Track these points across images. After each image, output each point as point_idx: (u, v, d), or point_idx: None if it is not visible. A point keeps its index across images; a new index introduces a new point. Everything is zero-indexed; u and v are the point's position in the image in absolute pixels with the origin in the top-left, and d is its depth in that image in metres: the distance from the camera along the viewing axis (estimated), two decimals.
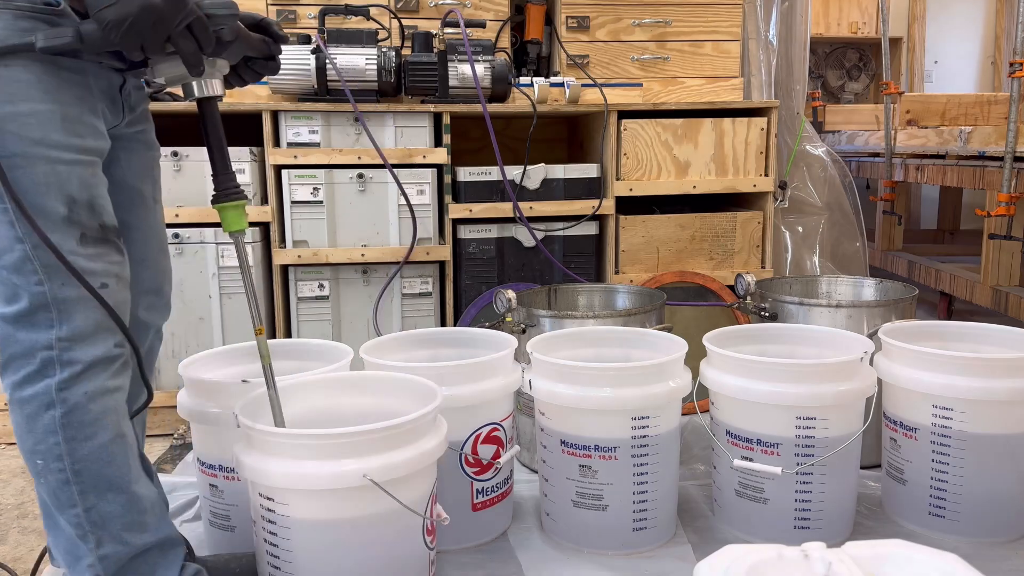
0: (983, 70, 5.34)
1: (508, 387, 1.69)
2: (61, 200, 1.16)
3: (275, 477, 1.27)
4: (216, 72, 1.27)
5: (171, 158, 2.41)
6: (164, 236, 1.48)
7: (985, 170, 2.99)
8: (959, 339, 1.87)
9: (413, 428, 1.32)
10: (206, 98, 1.28)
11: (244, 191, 1.32)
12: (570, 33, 2.73)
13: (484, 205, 2.50)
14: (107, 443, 1.20)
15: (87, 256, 1.18)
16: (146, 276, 1.41)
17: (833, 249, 3.11)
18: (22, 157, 1.14)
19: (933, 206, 5.01)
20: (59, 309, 1.16)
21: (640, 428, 1.60)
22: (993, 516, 1.67)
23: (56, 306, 1.16)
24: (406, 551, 1.36)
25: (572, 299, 2.33)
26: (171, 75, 1.24)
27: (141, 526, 1.25)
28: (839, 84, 5.42)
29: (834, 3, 5.09)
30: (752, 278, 2.11)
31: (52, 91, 1.16)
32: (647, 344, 1.84)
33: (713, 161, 2.59)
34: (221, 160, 1.30)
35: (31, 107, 1.14)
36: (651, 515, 1.65)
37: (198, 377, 1.57)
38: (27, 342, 1.16)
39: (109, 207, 1.25)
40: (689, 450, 2.15)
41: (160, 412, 2.50)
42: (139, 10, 1.07)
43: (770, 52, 2.93)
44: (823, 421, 1.61)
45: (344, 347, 1.76)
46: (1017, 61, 2.74)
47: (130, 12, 1.07)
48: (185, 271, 2.43)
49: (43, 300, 1.16)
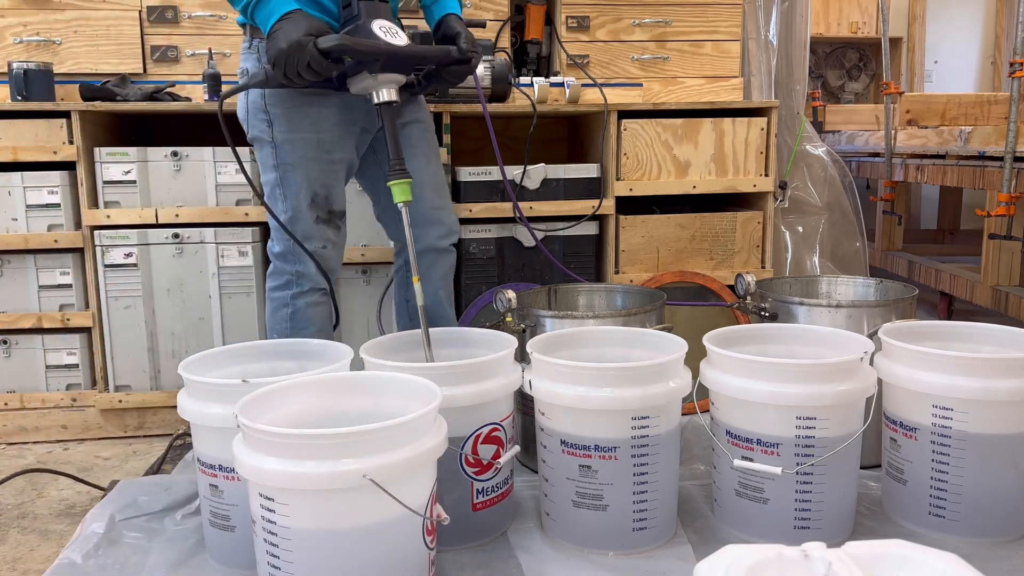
0: (983, 70, 5.34)
1: (508, 387, 1.69)
2: (308, 195, 1.86)
3: (275, 477, 1.26)
4: (384, 84, 1.70)
5: (171, 158, 2.41)
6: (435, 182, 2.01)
7: (985, 170, 2.99)
8: (959, 339, 1.86)
9: (413, 428, 1.32)
10: (383, 103, 1.72)
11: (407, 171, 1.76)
12: (570, 33, 2.73)
13: (484, 205, 2.50)
14: (312, 334, 1.91)
15: (317, 229, 1.88)
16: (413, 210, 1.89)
17: (833, 249, 3.11)
18: (290, 166, 1.85)
19: (933, 206, 5.01)
20: (296, 256, 1.89)
21: (640, 428, 1.60)
22: (993, 516, 1.67)
23: (295, 254, 1.89)
24: (406, 551, 1.36)
25: (572, 299, 2.33)
26: (356, 89, 1.74)
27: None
28: (839, 84, 5.42)
29: (834, 3, 5.09)
30: (752, 278, 2.11)
31: (315, 122, 1.83)
32: (647, 344, 1.83)
33: (713, 161, 2.59)
34: (394, 148, 1.75)
35: (300, 135, 1.83)
36: (651, 515, 1.65)
37: (198, 377, 1.57)
38: (281, 269, 1.92)
39: (339, 199, 1.91)
40: (689, 450, 2.15)
41: (160, 412, 2.50)
42: (278, 53, 1.63)
43: (770, 52, 2.93)
44: (823, 421, 1.61)
45: (344, 347, 1.76)
46: (1017, 61, 2.74)
47: (274, 56, 1.64)
48: (185, 271, 2.43)
49: (290, 249, 1.89)
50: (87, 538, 1.72)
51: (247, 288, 2.46)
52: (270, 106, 1.84)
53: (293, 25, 1.64)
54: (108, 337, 2.44)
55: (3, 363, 2.46)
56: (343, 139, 1.88)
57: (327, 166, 1.86)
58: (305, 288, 1.90)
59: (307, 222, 1.87)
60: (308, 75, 1.64)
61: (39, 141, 2.37)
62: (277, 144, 1.85)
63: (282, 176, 1.86)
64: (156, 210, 2.41)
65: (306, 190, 1.85)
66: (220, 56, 2.65)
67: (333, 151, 1.87)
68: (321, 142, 1.85)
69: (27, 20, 2.60)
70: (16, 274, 2.43)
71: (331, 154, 1.86)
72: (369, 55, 1.66)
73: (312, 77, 1.65)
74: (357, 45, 1.63)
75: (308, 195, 1.85)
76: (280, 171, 1.86)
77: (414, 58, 1.74)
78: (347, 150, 1.90)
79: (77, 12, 2.61)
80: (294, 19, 1.66)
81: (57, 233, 2.40)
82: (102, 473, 2.22)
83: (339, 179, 1.90)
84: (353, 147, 1.92)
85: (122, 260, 2.41)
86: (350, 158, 1.92)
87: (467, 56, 1.82)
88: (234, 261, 2.45)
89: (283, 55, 1.62)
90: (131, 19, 2.63)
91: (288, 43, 1.62)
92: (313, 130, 1.84)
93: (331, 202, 1.89)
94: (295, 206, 1.86)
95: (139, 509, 1.84)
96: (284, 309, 1.91)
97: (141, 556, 1.67)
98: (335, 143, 1.87)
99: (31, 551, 1.80)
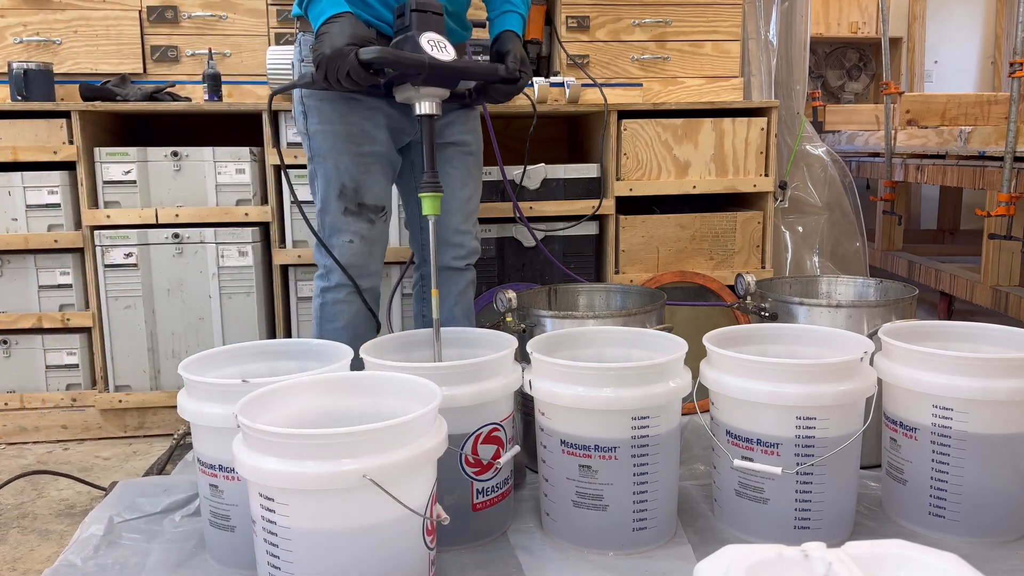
0: (983, 70, 5.34)
1: (508, 387, 1.69)
2: (336, 186, 1.87)
3: (274, 477, 1.27)
4: (426, 97, 1.70)
5: (171, 158, 2.41)
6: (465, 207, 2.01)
7: (985, 170, 2.99)
8: (959, 339, 1.87)
9: (413, 428, 1.32)
10: (423, 115, 1.72)
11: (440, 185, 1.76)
12: (570, 33, 2.72)
13: (484, 205, 2.49)
14: (336, 328, 1.93)
15: (344, 221, 1.88)
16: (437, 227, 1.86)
17: (833, 249, 3.11)
18: (321, 157, 1.87)
19: (933, 206, 5.01)
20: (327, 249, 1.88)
21: (640, 428, 1.60)
22: (993, 516, 1.67)
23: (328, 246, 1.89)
24: (406, 551, 1.36)
25: (572, 299, 2.33)
26: (400, 98, 1.75)
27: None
28: (839, 84, 5.42)
29: (834, 3, 5.09)
30: (752, 278, 2.11)
31: (344, 114, 1.84)
32: (647, 344, 1.84)
33: (713, 161, 2.59)
34: (430, 160, 1.74)
35: (330, 127, 1.85)
36: (651, 515, 1.65)
37: (198, 377, 1.58)
38: (319, 259, 1.94)
39: (372, 192, 1.89)
40: (689, 450, 2.15)
41: (160, 412, 2.50)
42: (321, 58, 1.65)
43: (770, 52, 2.93)
44: (823, 421, 1.61)
45: (344, 347, 1.76)
46: (1017, 61, 2.74)
47: (317, 60, 1.65)
48: (185, 271, 2.43)
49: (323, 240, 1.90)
50: (86, 540, 1.72)
51: (247, 288, 2.46)
52: (306, 98, 1.87)
53: (340, 30, 1.65)
54: (108, 337, 2.44)
55: (3, 363, 2.46)
56: (374, 132, 1.87)
57: (356, 158, 1.86)
58: (333, 283, 1.91)
59: (335, 214, 1.88)
60: (347, 83, 1.65)
61: (39, 141, 2.37)
62: (310, 135, 1.88)
63: (315, 167, 1.89)
64: (156, 210, 2.41)
65: (335, 181, 1.87)
66: (220, 56, 2.65)
67: (363, 144, 1.86)
68: (350, 134, 1.85)
69: (27, 20, 2.60)
70: (16, 274, 2.43)
71: (360, 146, 1.86)
72: (411, 68, 1.65)
73: (351, 86, 1.66)
74: (398, 57, 1.63)
75: (336, 186, 1.87)
76: (313, 162, 1.90)
77: (459, 73, 1.73)
78: (380, 143, 1.88)
79: (77, 12, 2.61)
80: (342, 23, 1.67)
81: (57, 233, 2.40)
82: (102, 473, 2.22)
83: (371, 172, 1.89)
84: (389, 143, 1.91)
85: (122, 260, 2.41)
86: (385, 152, 1.90)
87: (513, 76, 1.80)
88: (234, 261, 2.45)
89: (325, 60, 1.64)
90: (131, 19, 2.63)
91: (332, 49, 1.63)
92: (342, 122, 1.85)
93: (361, 194, 1.88)
94: (324, 196, 1.89)
95: (138, 511, 1.85)
96: (316, 299, 1.96)
97: (141, 557, 1.67)
98: (364, 136, 1.86)
99: (31, 551, 1.80)
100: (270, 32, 2.68)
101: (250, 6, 2.67)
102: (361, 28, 1.69)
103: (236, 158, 2.43)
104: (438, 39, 1.69)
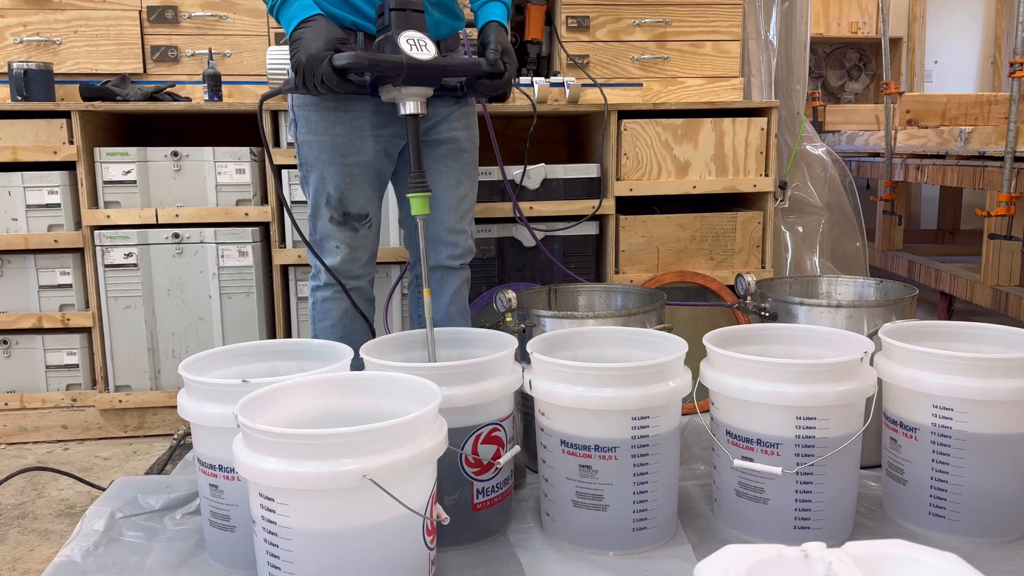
0: (983, 70, 5.34)
1: (508, 387, 1.69)
2: (323, 196, 1.90)
3: (275, 477, 1.27)
4: (409, 97, 1.69)
5: (171, 158, 2.41)
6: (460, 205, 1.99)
7: (985, 170, 2.99)
8: (959, 339, 1.87)
9: (413, 428, 1.32)
10: (408, 115, 1.72)
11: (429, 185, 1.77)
12: (570, 33, 2.72)
13: (484, 205, 2.50)
14: (327, 326, 1.98)
15: (330, 228, 1.92)
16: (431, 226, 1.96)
17: (833, 249, 3.11)
18: (308, 167, 1.90)
19: (933, 206, 5.01)
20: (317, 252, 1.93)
21: (640, 428, 1.60)
22: (993, 516, 1.67)
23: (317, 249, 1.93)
24: (406, 551, 1.36)
25: (572, 299, 2.33)
26: (386, 98, 1.73)
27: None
28: (839, 84, 5.42)
29: (834, 3, 5.10)
30: (752, 278, 2.11)
31: (330, 125, 1.85)
32: (647, 344, 1.84)
33: (713, 161, 2.59)
34: (416, 160, 1.74)
35: (315, 138, 1.86)
36: (651, 515, 1.65)
37: (198, 377, 1.57)
38: (312, 261, 1.97)
39: (356, 203, 1.91)
40: (689, 450, 2.15)
41: (160, 412, 2.50)
42: (298, 65, 1.65)
43: (770, 52, 2.93)
44: (823, 421, 1.61)
45: (344, 347, 1.76)
46: (1017, 61, 2.74)
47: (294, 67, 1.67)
48: (185, 271, 2.43)
49: (313, 242, 1.93)
50: (87, 536, 1.72)
51: (247, 288, 2.46)
52: (297, 107, 1.88)
53: (314, 35, 1.65)
54: (108, 337, 2.44)
55: (3, 363, 2.46)
56: (360, 142, 1.87)
57: (342, 169, 1.87)
58: (322, 282, 1.96)
59: (324, 220, 1.91)
60: (323, 89, 1.65)
61: (39, 141, 2.37)
62: (299, 144, 1.90)
63: (304, 175, 1.92)
64: (156, 210, 2.41)
65: (321, 191, 1.89)
66: (220, 56, 2.65)
67: (348, 154, 1.86)
68: (335, 145, 1.85)
69: (27, 20, 2.60)
70: (16, 274, 2.43)
71: (345, 157, 1.86)
72: (389, 70, 1.64)
73: (327, 92, 1.66)
74: (373, 60, 1.61)
75: (323, 195, 1.89)
76: (303, 170, 1.92)
77: (440, 71, 1.69)
78: (366, 154, 1.88)
79: (77, 12, 2.61)
80: (315, 27, 1.66)
81: (57, 233, 2.40)
82: (102, 473, 2.22)
83: (356, 183, 1.89)
84: (377, 151, 1.89)
85: (122, 260, 2.41)
86: (371, 162, 1.89)
87: (497, 69, 1.75)
88: (234, 261, 2.45)
89: (303, 68, 1.64)
90: (131, 19, 2.63)
91: (307, 56, 1.63)
92: (328, 133, 1.85)
93: (345, 204, 1.89)
94: (314, 204, 1.92)
95: (139, 507, 1.85)
96: (309, 298, 2.01)
97: (141, 556, 1.67)
98: (350, 147, 1.86)
99: (31, 551, 1.80)
100: (270, 32, 2.68)
101: (250, 6, 2.66)
102: (335, 31, 1.68)
103: (236, 158, 2.43)
104: (418, 37, 1.66)
